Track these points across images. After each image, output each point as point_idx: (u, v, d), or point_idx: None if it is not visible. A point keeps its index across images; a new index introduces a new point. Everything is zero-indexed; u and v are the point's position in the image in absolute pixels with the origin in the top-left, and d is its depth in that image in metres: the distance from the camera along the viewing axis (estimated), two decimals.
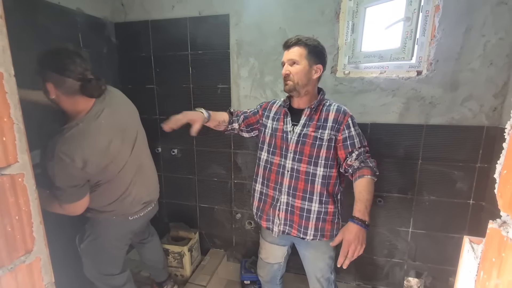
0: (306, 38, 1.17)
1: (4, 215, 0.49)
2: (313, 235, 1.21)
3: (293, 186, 1.21)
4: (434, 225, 1.68)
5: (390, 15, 1.47)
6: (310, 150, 1.18)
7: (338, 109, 1.19)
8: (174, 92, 1.97)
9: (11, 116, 0.50)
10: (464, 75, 1.48)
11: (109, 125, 1.15)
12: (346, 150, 1.17)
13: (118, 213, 1.27)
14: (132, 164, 1.26)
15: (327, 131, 1.17)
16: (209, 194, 2.09)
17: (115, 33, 2.00)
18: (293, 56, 1.16)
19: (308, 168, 1.19)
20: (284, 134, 1.24)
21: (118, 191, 1.24)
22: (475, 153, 1.54)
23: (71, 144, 1.02)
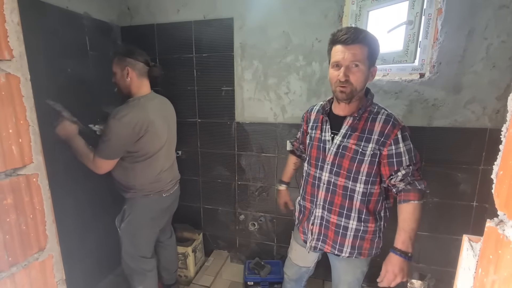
0: (364, 32, 0.99)
1: (19, 214, 0.51)
2: (350, 252, 1.12)
3: (329, 201, 1.12)
4: (437, 227, 1.68)
5: (393, 18, 1.48)
6: (349, 164, 1.05)
7: (386, 120, 1.02)
8: (179, 94, 2.00)
9: (27, 118, 0.52)
10: (467, 77, 1.48)
11: (158, 109, 1.45)
12: (391, 167, 1.02)
13: (155, 189, 1.46)
14: (167, 148, 1.51)
15: (371, 144, 1.02)
16: (213, 196, 2.10)
17: (121, 37, 2.04)
18: (357, 57, 0.96)
19: (346, 183, 1.07)
20: (321, 144, 1.13)
21: (158, 168, 1.45)
22: (478, 155, 1.54)
23: (132, 109, 1.31)
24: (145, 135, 1.34)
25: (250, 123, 1.90)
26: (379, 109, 1.06)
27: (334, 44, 1.02)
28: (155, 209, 1.51)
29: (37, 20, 1.44)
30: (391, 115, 1.04)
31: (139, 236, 1.49)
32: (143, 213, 1.47)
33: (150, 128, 1.35)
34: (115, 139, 1.28)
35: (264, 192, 1.98)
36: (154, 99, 1.47)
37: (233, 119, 1.93)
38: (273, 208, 1.99)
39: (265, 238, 2.07)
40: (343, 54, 0.97)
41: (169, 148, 1.54)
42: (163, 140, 1.46)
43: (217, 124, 1.97)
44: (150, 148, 1.39)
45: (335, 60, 1.00)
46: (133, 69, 1.37)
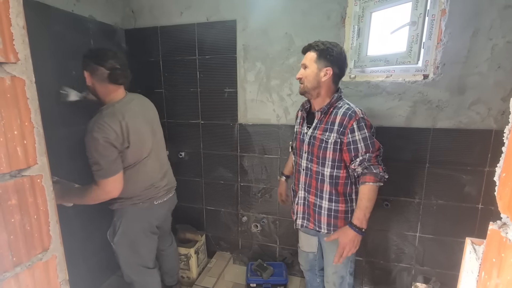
0: (318, 42, 1.22)
1: (24, 214, 0.52)
2: (326, 229, 1.28)
3: (307, 183, 1.31)
4: (442, 229, 1.66)
5: (396, 19, 1.47)
6: (317, 152, 1.24)
7: (344, 113, 1.19)
8: (182, 96, 2.01)
9: (31, 120, 0.53)
10: (472, 78, 1.47)
11: (138, 112, 1.34)
12: (350, 154, 1.18)
13: (145, 198, 1.37)
14: (156, 152, 1.41)
15: (332, 134, 1.20)
16: (216, 197, 2.11)
17: (125, 39, 2.06)
18: (304, 61, 1.24)
19: (317, 168, 1.26)
20: (301, 136, 1.33)
21: (147, 174, 1.36)
22: (483, 157, 1.53)
23: (108, 117, 1.20)
24: (129, 145, 1.24)
25: (253, 125, 1.90)
26: (343, 104, 1.23)
27: None
28: (147, 219, 1.41)
29: (43, 24, 1.47)
30: (351, 108, 1.20)
31: (136, 247, 1.40)
32: (134, 223, 1.37)
33: (133, 135, 1.25)
34: (102, 154, 1.17)
35: (266, 193, 1.98)
36: (131, 102, 1.33)
37: (236, 121, 1.93)
38: (276, 210, 1.98)
39: (267, 240, 2.07)
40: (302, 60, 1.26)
41: (157, 151, 1.43)
42: (149, 144, 1.37)
43: (219, 126, 1.98)
44: (135, 156, 1.29)
45: None
46: (92, 74, 1.24)
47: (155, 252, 1.52)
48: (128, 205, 1.35)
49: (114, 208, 1.37)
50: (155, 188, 1.41)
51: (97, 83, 1.26)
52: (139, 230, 1.40)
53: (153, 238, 1.48)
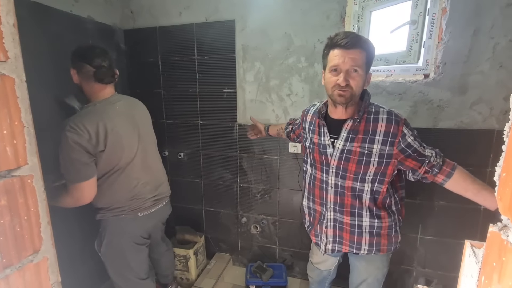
0: (363, 37, 0.99)
1: (13, 215, 0.51)
2: (368, 250, 1.12)
3: (339, 203, 1.12)
4: (444, 231, 1.64)
5: (396, 18, 1.46)
6: (356, 167, 1.04)
7: (388, 119, 1.00)
8: (181, 96, 2.00)
9: (22, 120, 0.52)
10: (473, 78, 1.45)
11: (123, 113, 1.25)
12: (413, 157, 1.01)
13: (128, 209, 1.27)
14: (141, 158, 1.30)
15: (376, 145, 1.01)
16: (215, 198, 2.10)
17: (124, 40, 2.05)
18: (356, 62, 0.95)
19: (354, 184, 1.07)
20: (321, 149, 1.12)
21: (130, 183, 1.26)
22: (485, 158, 1.51)
23: (85, 117, 1.13)
24: (105, 148, 1.15)
25: (252, 125, 1.88)
26: (377, 108, 1.05)
27: (332, 48, 1.01)
28: (132, 231, 1.31)
29: (41, 25, 1.46)
30: (391, 112, 1.03)
31: (125, 257, 1.31)
32: (118, 236, 1.28)
33: (110, 138, 1.15)
34: (70, 156, 1.07)
35: (266, 194, 1.96)
36: (117, 102, 1.26)
37: (235, 121, 1.92)
38: (276, 211, 1.97)
39: (267, 241, 2.05)
40: (343, 58, 0.96)
41: (144, 157, 1.32)
42: (133, 149, 1.26)
43: (219, 126, 1.97)
44: (113, 161, 1.19)
45: (334, 64, 0.99)
46: (78, 71, 1.20)
47: (146, 262, 1.43)
48: (110, 216, 1.26)
49: (97, 218, 1.29)
50: (139, 200, 1.29)
51: (83, 81, 1.21)
52: (124, 242, 1.30)
53: (142, 249, 1.38)
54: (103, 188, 1.21)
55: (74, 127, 1.08)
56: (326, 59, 1.05)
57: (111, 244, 1.29)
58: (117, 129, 1.19)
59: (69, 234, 1.67)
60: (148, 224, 1.38)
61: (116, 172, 1.22)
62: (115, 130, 1.17)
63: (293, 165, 1.83)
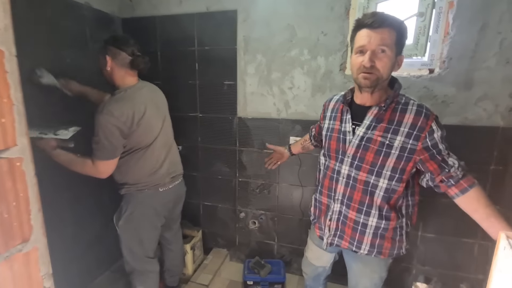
0: (392, 16, 0.91)
1: (1, 201, 0.47)
2: (368, 250, 1.06)
3: (348, 196, 1.05)
4: (445, 229, 1.63)
5: (402, 11, 1.43)
6: (374, 158, 0.97)
7: (418, 111, 0.93)
8: (180, 88, 1.95)
9: (11, 97, 0.47)
10: (479, 73, 1.43)
11: (148, 98, 1.38)
12: (436, 159, 0.94)
13: (150, 184, 1.39)
14: (162, 138, 1.44)
15: (399, 137, 0.94)
16: (213, 192, 2.06)
17: (122, 29, 2.00)
18: (384, 41, 0.88)
19: (368, 178, 1.00)
20: (340, 135, 1.06)
21: (152, 160, 1.39)
22: (489, 155, 1.49)
23: (121, 102, 1.25)
24: (137, 127, 1.28)
25: (253, 119, 1.85)
26: (407, 100, 0.97)
27: (358, 29, 0.93)
28: (152, 205, 1.43)
29: (35, 9, 1.40)
30: (423, 105, 0.95)
31: (139, 233, 1.42)
32: (140, 208, 1.40)
33: (142, 119, 1.30)
34: (107, 136, 1.21)
35: (265, 189, 1.93)
36: (143, 88, 1.40)
37: (235, 114, 1.88)
38: (275, 206, 1.94)
39: (265, 237, 2.02)
40: (369, 38, 0.89)
41: (164, 138, 1.47)
42: (157, 130, 1.40)
43: (218, 119, 1.93)
44: (143, 141, 1.33)
45: (360, 45, 0.92)
46: (114, 58, 1.30)
47: (157, 242, 1.53)
48: (134, 190, 1.38)
49: (122, 193, 1.41)
50: (160, 175, 1.42)
51: (117, 67, 1.31)
52: (144, 215, 1.41)
53: (157, 227, 1.49)
54: (130, 164, 1.34)
55: (112, 110, 1.20)
56: (353, 42, 0.98)
57: (131, 216, 1.39)
58: (147, 112, 1.32)
59: (61, 222, 1.62)
60: (167, 199, 1.49)
61: (143, 149, 1.35)
62: (145, 113, 1.30)
63: (294, 160, 1.79)
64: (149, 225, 1.45)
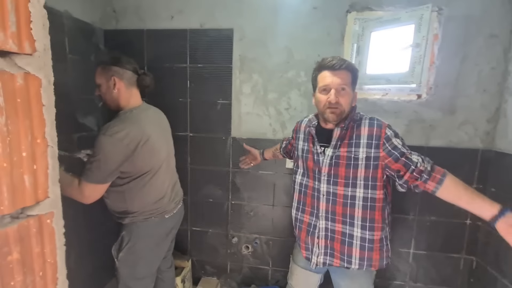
0: (347, 60, 1.08)
1: (27, 272, 0.36)
2: (359, 264, 1.10)
3: (331, 211, 1.13)
4: (434, 245, 1.70)
5: (395, 40, 1.52)
6: (345, 171, 1.08)
7: (370, 123, 1.07)
8: (169, 106, 1.82)
9: (45, 136, 0.37)
10: (461, 100, 1.56)
11: (154, 120, 1.32)
12: (400, 160, 1.02)
13: (157, 212, 1.29)
14: (167, 163, 1.35)
15: (361, 148, 1.06)
16: (203, 217, 1.93)
17: (104, 40, 1.84)
18: (344, 82, 1.05)
19: (346, 191, 1.09)
20: (314, 156, 1.16)
21: (158, 187, 1.28)
22: (471, 175, 1.61)
23: (125, 123, 1.15)
24: (141, 151, 1.17)
25: (247, 139, 1.80)
26: (361, 115, 1.12)
27: (320, 70, 1.10)
28: (158, 234, 1.32)
29: None
30: (374, 118, 1.10)
31: (141, 266, 1.29)
32: (144, 239, 1.28)
33: (147, 143, 1.19)
34: (106, 159, 1.09)
35: (260, 212, 1.86)
36: (148, 110, 1.32)
37: (229, 134, 1.81)
38: (270, 229, 1.87)
39: (259, 262, 1.93)
40: (331, 78, 1.05)
41: (169, 163, 1.38)
42: (163, 155, 1.30)
43: (210, 139, 1.84)
44: (149, 166, 1.23)
45: (324, 84, 1.07)
46: (121, 78, 1.22)
47: (155, 275, 1.41)
48: (140, 220, 1.26)
49: (125, 222, 1.27)
50: (166, 201, 1.33)
51: (124, 88, 1.23)
52: (148, 246, 1.30)
53: (159, 258, 1.39)
54: (136, 191, 1.22)
55: (116, 132, 1.10)
56: (315, 81, 1.13)
57: (134, 247, 1.26)
58: (152, 135, 1.22)
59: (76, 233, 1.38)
60: (171, 225, 1.40)
61: (149, 175, 1.24)
62: (150, 137, 1.20)
63: (290, 181, 1.77)
64: (152, 256, 1.32)
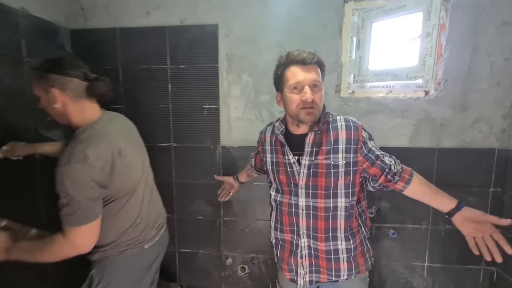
0: (316, 53, 0.95)
1: None
2: (347, 274, 1.03)
3: (312, 227, 1.01)
4: (450, 257, 1.54)
5: (400, 31, 1.37)
6: (326, 181, 0.96)
7: (347, 126, 0.96)
8: (148, 113, 1.62)
9: None
10: (473, 95, 1.41)
11: (124, 133, 1.06)
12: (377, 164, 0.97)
13: (134, 242, 1.05)
14: (144, 180, 1.11)
15: (340, 154, 0.95)
16: (192, 237, 1.71)
17: (71, 41, 1.62)
18: (316, 78, 0.93)
19: (327, 203, 0.98)
20: (287, 168, 1.02)
21: (135, 211, 1.05)
22: (488, 177, 1.46)
23: (91, 143, 0.89)
24: (119, 171, 0.94)
25: (239, 147, 1.60)
26: (334, 117, 1.01)
27: (288, 65, 0.95)
28: (137, 268, 1.08)
29: None
30: (348, 118, 1.00)
31: None
32: (120, 276, 1.04)
33: (123, 159, 0.96)
34: (82, 192, 0.85)
35: (256, 228, 1.66)
36: (114, 121, 1.05)
37: (218, 143, 1.61)
38: (268, 247, 1.67)
39: (257, 285, 1.72)
40: (304, 74, 0.92)
41: (147, 178, 1.14)
42: (139, 171, 1.07)
43: (197, 149, 1.63)
44: (127, 186, 1.00)
45: (295, 81, 0.92)
46: (63, 90, 0.93)
47: None
48: (113, 254, 1.02)
49: (95, 258, 1.02)
50: (144, 227, 1.08)
51: (70, 101, 0.95)
52: (125, 285, 1.06)
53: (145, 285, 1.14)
54: (108, 218, 0.97)
55: (84, 157, 0.86)
56: (282, 79, 0.97)
57: None
58: (126, 149, 1.00)
59: None
60: (153, 256, 1.15)
61: (125, 198, 1.01)
62: (123, 153, 0.97)
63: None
64: None
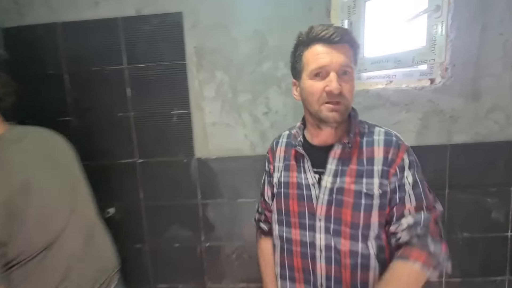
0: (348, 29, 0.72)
1: None
2: None
3: (334, 277, 0.71)
4: (470, 268, 1.34)
5: (400, 8, 1.16)
6: (352, 215, 0.69)
7: (387, 140, 0.72)
8: (104, 124, 1.34)
9: None
10: (485, 81, 1.22)
11: (40, 155, 0.79)
12: (393, 207, 0.70)
13: None
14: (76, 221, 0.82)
15: (376, 179, 0.69)
16: (169, 268, 1.43)
17: (4, 42, 1.32)
18: (347, 62, 0.68)
19: (353, 246, 0.70)
20: (303, 191, 0.76)
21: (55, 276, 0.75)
22: (508, 174, 1.27)
23: None
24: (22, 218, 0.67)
25: (218, 158, 1.34)
26: (371, 127, 0.76)
27: (309, 44, 0.71)
28: None
29: None
30: (391, 133, 0.75)
31: None
32: None
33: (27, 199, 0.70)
34: None
35: (244, 253, 1.41)
36: (23, 140, 0.78)
37: (192, 155, 1.35)
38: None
39: None
40: (330, 57, 0.67)
41: (79, 219, 0.84)
42: (66, 210, 0.79)
43: (167, 164, 1.36)
44: (39, 239, 0.72)
45: (317, 65, 0.68)
46: None
47: None
48: None
49: None
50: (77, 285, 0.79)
51: None
52: None
53: None
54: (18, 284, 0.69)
55: None
56: (300, 62, 0.74)
57: None
58: (37, 184, 0.73)
59: None
60: None
61: (40, 254, 0.72)
62: (33, 188, 0.71)
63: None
64: None
